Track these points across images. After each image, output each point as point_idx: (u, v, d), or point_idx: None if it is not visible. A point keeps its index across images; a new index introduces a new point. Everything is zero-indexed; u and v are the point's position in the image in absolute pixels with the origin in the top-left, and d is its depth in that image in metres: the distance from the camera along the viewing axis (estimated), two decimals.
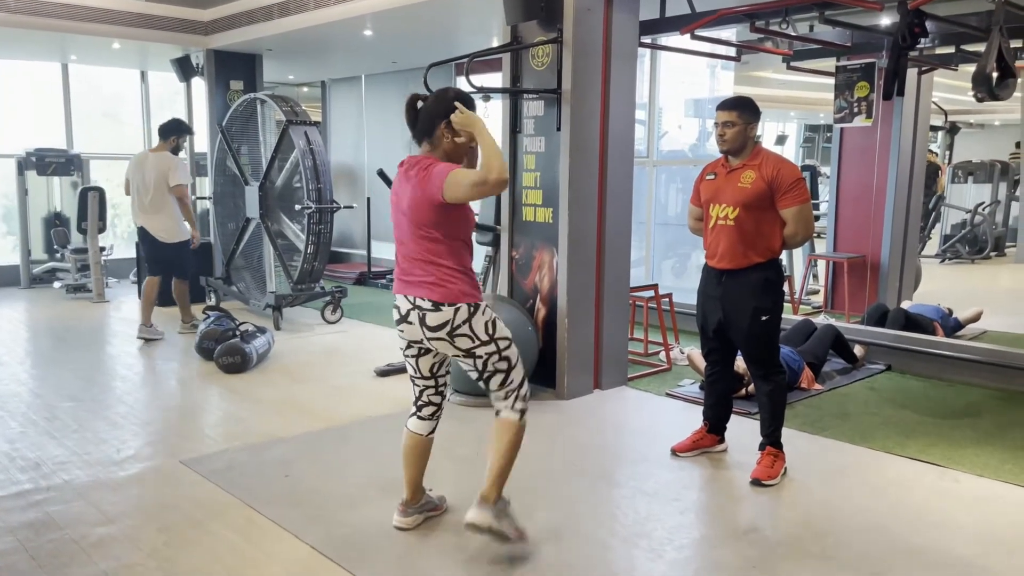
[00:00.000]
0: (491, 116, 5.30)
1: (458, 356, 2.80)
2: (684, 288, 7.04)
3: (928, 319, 5.97)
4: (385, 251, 10.22)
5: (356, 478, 3.66)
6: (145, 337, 6.45)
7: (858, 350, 5.64)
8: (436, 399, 3.03)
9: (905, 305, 6.60)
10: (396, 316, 2.88)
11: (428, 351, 2.91)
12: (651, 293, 5.99)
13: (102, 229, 8.35)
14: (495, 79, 5.53)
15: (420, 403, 3.03)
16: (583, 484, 3.64)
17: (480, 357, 2.77)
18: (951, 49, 6.06)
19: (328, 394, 5.04)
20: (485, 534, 2.81)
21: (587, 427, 4.46)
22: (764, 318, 3.59)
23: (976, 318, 6.39)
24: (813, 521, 3.27)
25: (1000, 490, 3.59)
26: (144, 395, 5.02)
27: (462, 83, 8.73)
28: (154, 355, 6.09)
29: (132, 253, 8.86)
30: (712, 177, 3.71)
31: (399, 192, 2.84)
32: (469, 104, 2.78)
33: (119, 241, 10.35)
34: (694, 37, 5.33)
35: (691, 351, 5.11)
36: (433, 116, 2.77)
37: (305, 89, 11.86)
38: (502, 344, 2.80)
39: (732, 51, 6.32)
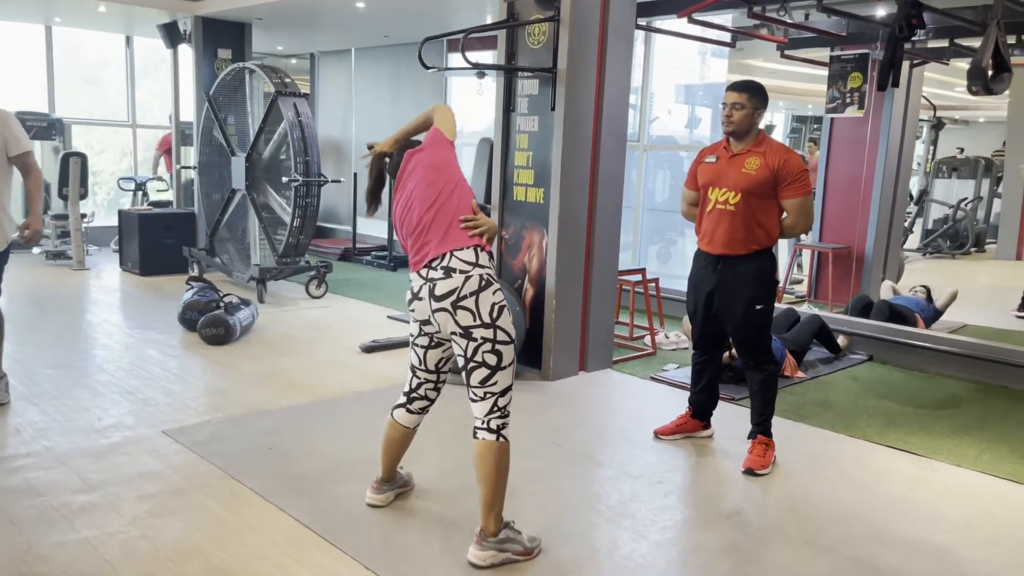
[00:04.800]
0: (485, 94, 5.27)
1: (455, 335, 2.68)
2: (670, 274, 7.05)
3: (911, 311, 6.03)
4: (370, 228, 10.14)
5: (340, 452, 3.65)
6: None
7: (841, 340, 5.69)
8: (433, 395, 2.96)
9: (884, 289, 6.60)
10: (408, 296, 2.80)
11: (439, 344, 2.84)
12: (638, 277, 6.00)
13: (83, 196, 8.22)
14: (489, 56, 5.49)
15: (414, 396, 2.96)
16: (567, 464, 3.65)
17: (475, 340, 2.63)
18: (944, 43, 6.09)
19: (312, 368, 5.01)
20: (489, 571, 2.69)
21: (572, 408, 4.47)
22: (759, 307, 3.59)
23: (952, 298, 6.38)
24: (795, 506, 3.30)
25: (977, 480, 3.65)
26: (125, 364, 4.97)
27: (456, 59, 8.66)
28: (135, 325, 6.02)
29: (114, 221, 8.74)
30: (713, 160, 3.65)
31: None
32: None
33: (100, 209, 10.21)
34: (691, 21, 5.32)
35: (686, 319, 5.00)
36: None
37: (293, 61, 11.71)
38: (500, 336, 2.64)
39: (727, 37, 6.31)
